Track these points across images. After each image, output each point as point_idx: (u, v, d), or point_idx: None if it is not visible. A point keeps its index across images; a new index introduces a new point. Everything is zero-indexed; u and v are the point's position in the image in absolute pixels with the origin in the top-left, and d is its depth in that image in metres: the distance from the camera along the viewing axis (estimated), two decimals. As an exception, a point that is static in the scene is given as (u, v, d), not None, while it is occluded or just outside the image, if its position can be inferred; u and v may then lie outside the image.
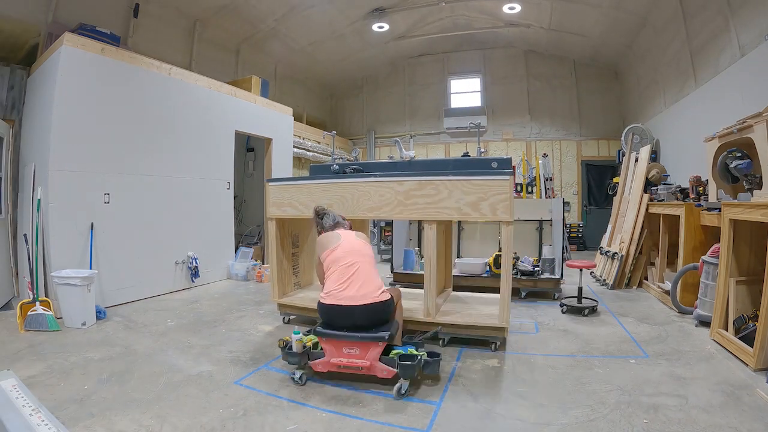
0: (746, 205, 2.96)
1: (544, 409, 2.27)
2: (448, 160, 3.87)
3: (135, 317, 4.10)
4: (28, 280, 3.96)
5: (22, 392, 1.51)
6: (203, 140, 5.70)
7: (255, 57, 8.40)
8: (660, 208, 5.00)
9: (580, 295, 4.29)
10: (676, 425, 2.05)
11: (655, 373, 2.71)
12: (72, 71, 4.17)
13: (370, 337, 2.48)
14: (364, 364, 2.47)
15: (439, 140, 10.57)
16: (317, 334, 2.59)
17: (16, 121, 4.81)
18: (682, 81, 6.22)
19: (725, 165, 3.83)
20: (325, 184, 3.52)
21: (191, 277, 5.41)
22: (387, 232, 8.34)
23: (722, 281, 3.18)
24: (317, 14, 7.55)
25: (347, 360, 2.51)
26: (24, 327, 3.56)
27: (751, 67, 4.46)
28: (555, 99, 9.84)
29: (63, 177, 4.10)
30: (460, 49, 10.22)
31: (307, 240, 4.32)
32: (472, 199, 3.03)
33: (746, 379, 2.55)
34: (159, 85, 5.09)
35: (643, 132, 7.51)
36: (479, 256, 5.48)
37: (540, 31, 8.58)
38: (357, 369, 2.50)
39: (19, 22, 4.80)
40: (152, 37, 6.29)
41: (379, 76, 11.07)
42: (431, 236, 3.17)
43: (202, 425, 2.12)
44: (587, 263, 4.37)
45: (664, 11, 6.32)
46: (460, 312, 3.44)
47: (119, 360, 2.99)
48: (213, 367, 2.88)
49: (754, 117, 3.40)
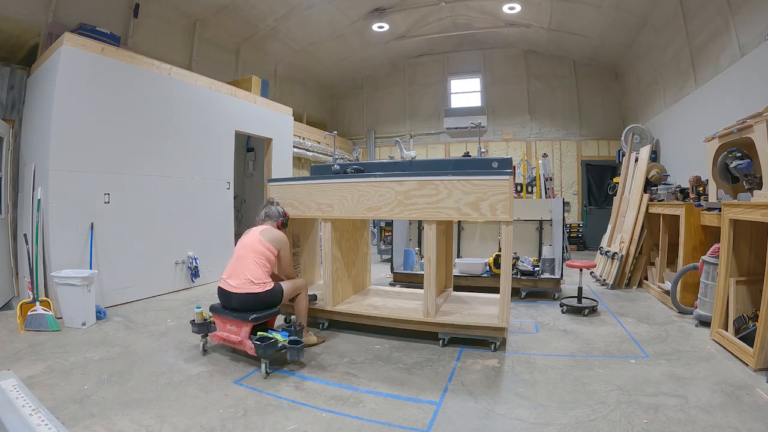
0: (746, 205, 2.96)
1: (544, 409, 2.27)
2: (448, 160, 3.86)
3: (135, 317, 4.10)
4: (28, 280, 3.96)
5: (22, 392, 1.51)
6: (203, 140, 5.70)
7: (255, 57, 8.40)
8: (660, 208, 5.00)
9: (580, 295, 4.29)
10: (676, 425, 2.05)
11: (655, 373, 2.71)
12: (72, 71, 4.17)
13: (239, 316, 2.89)
14: (237, 339, 2.88)
15: (439, 140, 10.57)
16: (211, 310, 3.07)
17: (16, 121, 4.81)
18: (682, 81, 6.22)
19: (725, 165, 3.83)
20: (325, 184, 3.53)
21: (191, 277, 5.41)
22: (387, 232, 8.34)
23: (722, 281, 3.18)
24: (317, 14, 7.56)
25: (227, 335, 2.95)
26: (24, 327, 3.56)
27: (751, 67, 4.46)
28: (555, 99, 9.84)
29: (63, 177, 4.10)
30: (460, 49, 10.22)
31: (308, 240, 4.32)
32: (472, 199, 3.03)
33: (746, 379, 2.54)
34: (159, 85, 5.09)
35: (643, 132, 7.51)
36: (479, 256, 5.48)
37: (540, 31, 8.58)
38: (233, 343, 2.92)
39: (19, 22, 4.80)
40: (152, 37, 6.29)
41: (379, 76, 11.07)
42: (431, 236, 3.17)
43: (202, 425, 2.12)
44: (587, 263, 4.37)
45: (664, 11, 6.32)
46: (460, 312, 3.44)
47: (119, 360, 2.99)
48: (213, 367, 2.88)
49: (754, 117, 3.40)
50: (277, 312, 3.13)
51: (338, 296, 3.71)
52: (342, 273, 3.78)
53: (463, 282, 4.95)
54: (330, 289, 3.59)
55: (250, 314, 2.87)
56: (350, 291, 3.98)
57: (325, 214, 3.53)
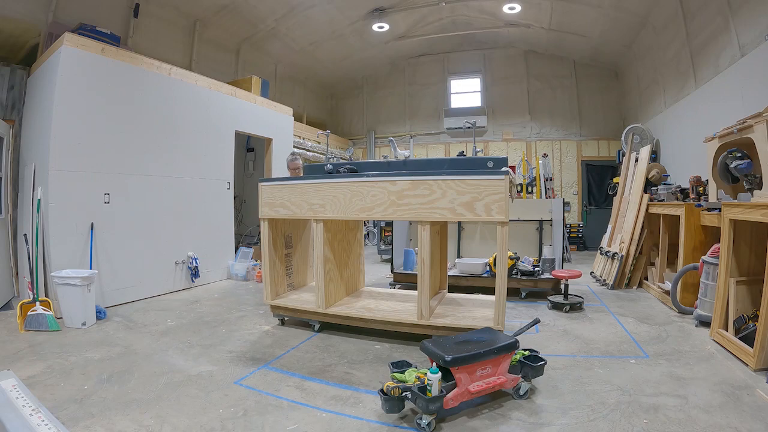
0: (746, 205, 2.96)
1: (544, 409, 2.27)
2: (443, 160, 3.82)
3: (135, 317, 4.10)
4: (28, 280, 3.97)
5: (22, 392, 1.51)
6: (203, 140, 5.70)
7: (255, 57, 8.40)
8: (660, 208, 5.00)
9: (566, 292, 4.41)
10: (676, 425, 2.05)
11: (655, 373, 2.71)
12: (72, 71, 4.17)
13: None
14: (498, 381, 2.32)
15: (439, 140, 10.58)
16: (454, 362, 2.21)
17: (16, 121, 4.82)
18: (682, 81, 6.22)
19: (725, 165, 3.83)
20: (317, 185, 3.47)
21: (191, 277, 5.41)
22: (387, 232, 8.34)
23: (722, 281, 3.18)
24: (317, 14, 7.56)
25: (483, 384, 2.28)
26: (24, 327, 3.56)
27: (751, 67, 4.46)
28: (555, 99, 9.84)
29: (63, 177, 4.10)
30: (460, 49, 10.23)
31: (300, 240, 4.28)
32: (467, 199, 2.97)
33: (746, 379, 2.55)
34: (159, 85, 5.09)
35: (643, 132, 7.51)
36: (479, 256, 5.48)
37: (540, 31, 8.58)
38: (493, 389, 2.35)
39: (19, 22, 4.80)
40: (152, 37, 6.30)
41: (379, 76, 11.07)
42: (425, 237, 3.11)
43: (202, 425, 2.12)
44: (573, 273, 4.42)
45: (664, 11, 6.33)
46: (455, 314, 3.38)
47: (119, 360, 2.99)
48: (213, 367, 2.88)
49: (754, 117, 3.40)
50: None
51: (330, 298, 3.64)
52: (334, 274, 3.73)
53: (463, 282, 4.95)
54: (322, 291, 3.53)
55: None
56: (343, 293, 3.93)
57: (317, 214, 3.46)
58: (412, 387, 2.14)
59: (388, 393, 2.14)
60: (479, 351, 2.26)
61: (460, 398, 2.18)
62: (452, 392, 2.15)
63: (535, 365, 2.46)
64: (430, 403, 2.05)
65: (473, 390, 2.20)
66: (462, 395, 2.18)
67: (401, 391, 2.15)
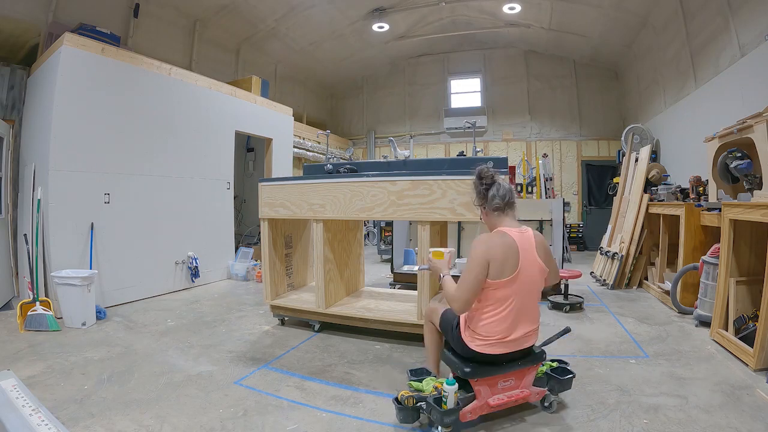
0: (746, 206, 2.96)
1: (544, 408, 2.27)
2: (443, 160, 3.83)
3: (135, 317, 4.10)
4: (28, 280, 3.96)
5: (22, 392, 1.51)
6: (203, 140, 5.70)
7: (255, 57, 8.41)
8: (660, 208, 5.00)
9: (566, 292, 4.42)
10: (676, 425, 2.05)
11: (655, 373, 2.71)
12: (72, 71, 4.17)
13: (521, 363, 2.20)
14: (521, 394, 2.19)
15: (440, 140, 10.58)
16: (471, 375, 2.08)
17: (16, 121, 4.82)
18: (682, 81, 6.22)
19: (725, 165, 3.84)
20: (317, 184, 3.47)
21: (191, 277, 5.41)
22: (387, 231, 8.35)
23: (722, 281, 3.18)
24: (317, 14, 7.56)
25: (505, 396, 2.14)
26: (24, 327, 3.56)
27: (751, 67, 4.46)
28: (555, 99, 9.84)
29: (63, 177, 4.10)
30: (460, 49, 10.23)
31: (300, 240, 4.28)
32: (467, 200, 2.95)
33: (746, 379, 2.55)
34: (159, 85, 5.09)
35: (643, 132, 7.51)
36: (479, 256, 5.47)
37: (540, 31, 8.58)
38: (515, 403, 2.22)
39: (19, 22, 4.80)
40: (152, 37, 6.30)
41: (379, 76, 11.07)
42: (425, 237, 3.11)
43: (202, 425, 2.12)
44: (573, 273, 4.42)
45: (664, 11, 6.33)
46: None
47: (119, 360, 2.99)
48: (213, 367, 2.88)
49: (754, 117, 3.40)
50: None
51: (330, 298, 3.64)
52: (334, 274, 3.73)
53: (463, 282, 4.94)
54: (322, 291, 3.53)
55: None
56: (343, 293, 3.93)
57: (317, 214, 3.46)
58: (428, 398, 2.04)
59: (402, 402, 2.06)
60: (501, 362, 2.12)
61: (479, 411, 2.05)
62: (470, 405, 2.02)
63: (563, 378, 2.28)
64: (445, 416, 1.95)
65: (493, 404, 2.06)
66: (481, 408, 2.05)
67: (416, 401, 2.06)
